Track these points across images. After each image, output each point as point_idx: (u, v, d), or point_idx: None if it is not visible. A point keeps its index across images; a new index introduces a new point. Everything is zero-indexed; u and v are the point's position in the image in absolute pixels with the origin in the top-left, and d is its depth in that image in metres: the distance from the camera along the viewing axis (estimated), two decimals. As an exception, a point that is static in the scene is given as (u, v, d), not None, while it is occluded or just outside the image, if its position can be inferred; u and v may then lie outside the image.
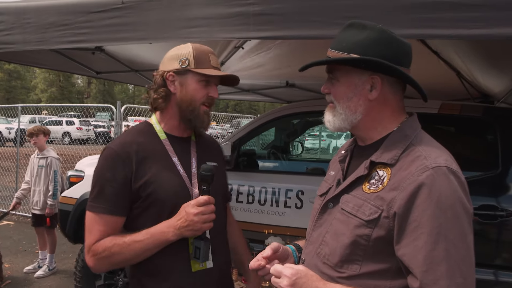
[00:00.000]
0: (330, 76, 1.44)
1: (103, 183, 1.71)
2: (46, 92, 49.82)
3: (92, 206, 1.72)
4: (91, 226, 1.72)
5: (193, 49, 1.80)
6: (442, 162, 1.24)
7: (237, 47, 5.05)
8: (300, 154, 6.93)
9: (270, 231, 3.78)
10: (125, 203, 1.73)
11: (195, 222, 1.64)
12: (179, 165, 1.81)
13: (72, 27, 2.64)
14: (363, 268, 1.30)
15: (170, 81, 1.81)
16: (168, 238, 1.67)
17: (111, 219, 1.71)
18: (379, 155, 1.35)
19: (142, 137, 1.81)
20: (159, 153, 1.80)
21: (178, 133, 1.88)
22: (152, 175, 1.73)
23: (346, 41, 1.38)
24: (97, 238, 1.70)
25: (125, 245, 1.67)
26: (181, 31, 2.38)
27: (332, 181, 1.52)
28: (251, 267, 1.46)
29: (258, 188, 3.92)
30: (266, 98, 7.73)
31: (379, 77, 1.36)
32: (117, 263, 1.75)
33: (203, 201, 1.66)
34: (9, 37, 2.91)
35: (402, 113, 1.43)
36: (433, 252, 1.17)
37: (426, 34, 2.09)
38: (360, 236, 1.29)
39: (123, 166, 1.71)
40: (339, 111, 1.41)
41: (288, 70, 5.69)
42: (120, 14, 2.51)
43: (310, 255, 1.45)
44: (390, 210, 1.25)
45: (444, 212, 1.18)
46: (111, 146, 1.77)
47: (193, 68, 1.78)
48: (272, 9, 2.23)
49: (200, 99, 1.80)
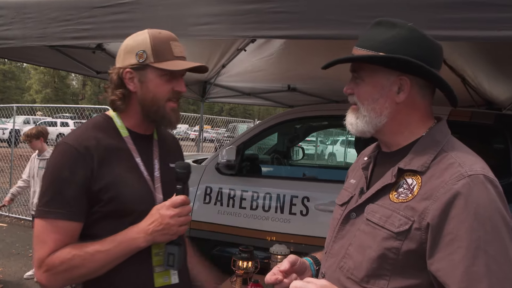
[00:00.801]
0: (355, 76, 1.33)
1: (59, 184, 1.47)
2: (41, 93, 49.57)
3: (46, 212, 1.46)
4: (45, 236, 1.46)
5: (150, 39, 1.56)
6: (479, 169, 1.15)
7: (240, 49, 4.98)
8: (301, 159, 6.84)
9: (273, 238, 3.68)
10: (85, 207, 1.50)
11: (171, 225, 1.47)
12: (142, 167, 1.61)
13: (74, 23, 2.53)
14: (392, 284, 1.19)
15: (128, 78, 1.58)
16: (138, 245, 1.48)
17: (70, 226, 1.47)
18: (407, 162, 1.25)
19: (101, 133, 1.58)
20: (120, 152, 1.58)
21: (140, 130, 1.66)
22: (115, 177, 1.52)
23: (373, 39, 1.28)
24: (52, 249, 1.45)
25: (87, 256, 1.45)
26: (190, 29, 2.28)
27: (354, 190, 1.42)
28: (267, 282, 1.34)
29: (263, 194, 3.81)
30: (267, 102, 7.67)
31: (408, 78, 1.26)
32: (76, 278, 1.50)
33: (180, 201, 1.49)
34: (8, 32, 2.81)
35: (430, 118, 1.33)
36: (472, 268, 1.07)
37: (448, 36, 1.99)
38: (389, 249, 1.19)
39: (83, 164, 1.48)
40: (363, 113, 1.31)
41: (291, 74, 5.64)
42: (125, 10, 2.41)
43: (332, 269, 1.34)
44: (423, 221, 1.15)
45: (482, 225, 1.09)
46: (67, 141, 1.52)
47: (152, 62, 1.55)
48: (286, 6, 2.15)
49: (164, 96, 1.58)
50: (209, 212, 3.92)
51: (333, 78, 4.53)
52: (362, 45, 1.30)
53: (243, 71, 5.88)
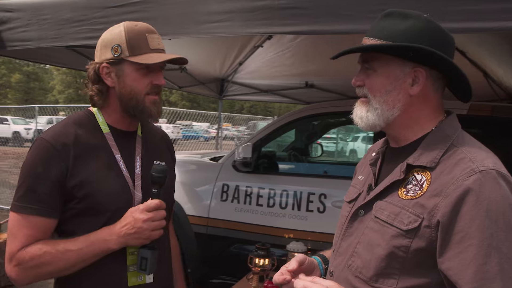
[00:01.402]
0: (366, 67, 1.29)
1: (33, 180, 1.46)
2: (63, 94, 50.37)
3: (19, 206, 1.46)
4: (16, 230, 1.46)
5: (125, 32, 1.53)
6: (491, 165, 1.11)
7: (257, 46, 4.95)
8: (320, 156, 6.79)
9: (291, 236, 3.66)
10: (59, 203, 1.49)
11: (143, 230, 1.45)
12: (122, 164, 1.58)
13: (88, 23, 2.55)
14: (401, 283, 1.16)
15: (105, 73, 1.55)
16: (109, 247, 1.46)
17: (42, 222, 1.46)
18: (416, 157, 1.21)
19: (80, 129, 1.56)
20: (100, 149, 1.56)
21: (122, 126, 1.64)
22: (90, 174, 1.50)
23: (387, 29, 1.24)
24: (23, 244, 1.44)
25: (58, 253, 1.44)
26: (202, 26, 2.27)
27: (362, 186, 1.39)
28: (275, 282, 1.31)
29: (279, 191, 3.79)
30: (285, 99, 7.62)
31: (424, 70, 1.22)
32: (46, 274, 1.50)
33: (154, 205, 1.47)
34: (25, 34, 2.84)
35: (441, 112, 1.29)
36: (484, 266, 1.04)
37: (468, 28, 1.93)
38: (398, 247, 1.16)
39: (58, 160, 1.47)
40: (374, 105, 1.26)
41: (308, 70, 5.58)
42: (138, 9, 2.41)
43: (340, 268, 1.32)
44: (432, 218, 1.12)
45: (495, 222, 1.05)
46: (44, 137, 1.50)
47: (127, 56, 1.51)
48: (298, 2, 2.12)
49: (142, 89, 1.54)
50: (226, 210, 3.92)
51: (351, 74, 4.46)
52: (374, 35, 1.26)
53: (259, 67, 5.86)
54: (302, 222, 3.65)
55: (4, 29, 2.93)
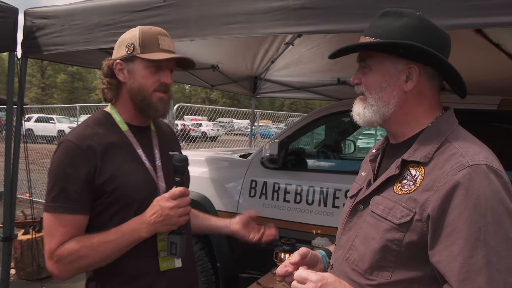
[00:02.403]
0: (362, 65, 1.33)
1: (64, 180, 1.55)
2: (107, 93, 51.67)
3: (52, 206, 1.56)
4: (53, 229, 1.55)
5: (139, 32, 1.66)
6: (481, 159, 1.13)
7: (287, 43, 4.99)
8: (353, 153, 6.74)
9: (318, 231, 3.68)
10: (89, 200, 1.58)
11: (171, 216, 1.55)
12: (144, 158, 1.69)
13: (116, 27, 2.68)
14: (395, 276, 1.20)
15: (118, 69, 1.68)
16: (141, 235, 1.56)
17: (75, 219, 1.56)
18: (411, 153, 1.24)
19: (101, 128, 1.66)
20: (122, 145, 1.66)
21: (137, 122, 1.75)
22: (117, 169, 1.60)
23: (381, 28, 1.27)
24: (60, 241, 1.54)
25: (94, 246, 1.54)
26: (221, 28, 2.35)
27: (363, 182, 1.43)
28: (278, 274, 1.37)
29: (306, 188, 3.82)
30: (317, 96, 7.59)
31: (417, 66, 1.25)
32: (84, 267, 1.60)
33: (179, 193, 1.57)
34: (59, 38, 3.01)
35: (438, 108, 1.32)
36: (470, 259, 1.06)
37: (486, 23, 1.92)
38: (391, 240, 1.19)
39: (85, 160, 1.56)
40: (370, 102, 1.30)
41: (339, 66, 5.55)
42: (162, 12, 2.52)
43: (339, 261, 1.36)
44: (423, 212, 1.15)
45: (483, 216, 1.07)
46: (69, 139, 1.60)
47: (139, 53, 1.64)
48: (313, 2, 2.16)
49: (150, 86, 1.66)
50: (254, 206, 3.98)
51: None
52: (370, 33, 1.30)
53: (291, 65, 5.88)
54: (328, 218, 3.67)
55: (41, 34, 3.12)
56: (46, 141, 14.73)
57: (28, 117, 18.50)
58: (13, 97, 3.33)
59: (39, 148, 13.40)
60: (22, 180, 5.49)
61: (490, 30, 3.03)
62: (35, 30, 3.13)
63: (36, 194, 9.60)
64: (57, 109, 20.69)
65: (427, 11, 1.77)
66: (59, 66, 49.58)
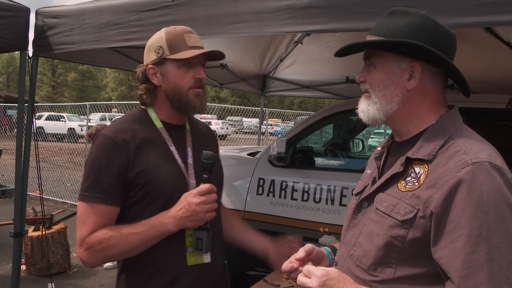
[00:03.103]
0: (367, 63, 1.35)
1: (98, 172, 1.62)
2: (116, 91, 52.04)
3: (86, 196, 1.63)
4: (85, 217, 1.62)
5: (165, 34, 1.70)
6: (484, 157, 1.13)
7: (296, 42, 4.99)
8: (361, 151, 6.74)
9: (326, 229, 3.69)
10: (121, 192, 1.64)
11: (197, 212, 1.58)
12: (176, 154, 1.73)
13: (125, 26, 2.71)
14: (398, 272, 1.21)
15: (152, 74, 1.72)
16: (168, 229, 1.60)
17: (107, 209, 1.62)
18: (415, 150, 1.25)
19: (137, 124, 1.72)
20: (156, 142, 1.72)
21: (173, 120, 1.79)
22: (149, 163, 1.65)
23: (386, 26, 1.29)
24: (91, 229, 1.60)
25: (122, 236, 1.59)
26: (229, 27, 2.37)
27: (368, 180, 1.44)
28: (284, 269, 1.38)
29: (313, 186, 3.84)
30: (326, 94, 7.59)
31: (419, 65, 1.27)
32: (113, 256, 1.67)
33: (206, 189, 1.60)
34: (69, 37, 3.05)
35: (442, 106, 1.32)
36: (472, 255, 1.07)
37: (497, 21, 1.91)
38: (395, 237, 1.21)
39: (120, 153, 1.63)
40: (374, 99, 1.32)
41: (348, 65, 5.54)
42: (170, 12, 2.54)
43: (343, 257, 1.38)
44: (427, 209, 1.15)
45: (486, 212, 1.07)
46: (106, 133, 1.67)
47: (168, 55, 1.68)
48: (320, 1, 2.17)
49: (185, 84, 1.70)
50: (262, 203, 4.01)
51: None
52: (375, 32, 1.31)
53: (300, 63, 5.88)
54: (336, 216, 3.68)
55: (52, 34, 3.16)
56: (57, 139, 14.88)
57: (39, 115, 18.68)
58: (24, 96, 3.38)
59: (49, 146, 13.53)
60: (33, 178, 5.57)
61: (500, 28, 3.01)
62: (46, 29, 3.17)
63: (46, 192, 9.71)
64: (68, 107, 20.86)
65: (432, 10, 1.78)
66: (70, 64, 49.92)
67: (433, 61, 1.26)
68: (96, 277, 5.38)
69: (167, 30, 1.72)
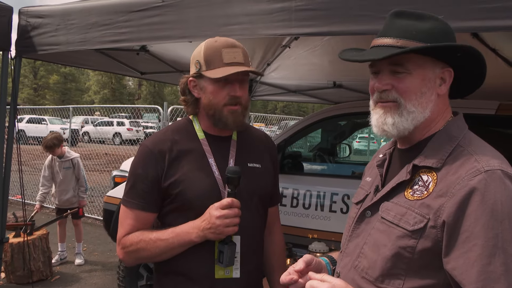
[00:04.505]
0: (395, 69, 1.23)
1: (135, 179, 1.71)
2: (99, 94, 51.54)
3: (125, 200, 1.73)
4: (123, 220, 1.73)
5: (204, 48, 1.70)
6: (496, 165, 1.10)
7: (284, 45, 4.96)
8: (348, 156, 6.73)
9: (315, 236, 3.65)
10: (156, 199, 1.71)
11: (217, 225, 1.57)
12: (214, 167, 1.72)
13: (113, 27, 2.64)
14: (407, 284, 1.16)
15: (192, 86, 1.75)
16: (191, 239, 1.62)
17: (141, 215, 1.70)
18: (423, 158, 1.21)
19: (179, 135, 1.76)
20: (194, 153, 1.73)
21: (216, 132, 1.79)
22: (183, 174, 1.68)
23: (413, 29, 1.21)
24: (126, 231, 1.71)
25: (150, 241, 1.66)
26: (222, 29, 2.32)
27: (369, 188, 1.39)
28: (282, 282, 1.32)
29: (303, 192, 3.79)
30: (313, 99, 7.57)
31: (451, 69, 1.23)
32: (143, 258, 1.77)
33: (226, 204, 1.59)
34: (54, 38, 2.96)
35: (449, 111, 1.29)
36: (488, 266, 1.03)
37: (486, 26, 1.91)
38: (404, 248, 1.16)
39: (155, 163, 1.69)
40: (410, 109, 1.22)
41: (336, 70, 5.54)
42: (160, 13, 2.48)
43: (347, 268, 1.32)
44: (438, 219, 1.11)
45: (500, 222, 1.04)
46: (146, 143, 1.75)
47: (204, 70, 1.68)
48: (314, 4, 2.13)
49: (220, 101, 1.69)
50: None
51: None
52: (402, 35, 1.22)
53: (287, 68, 5.85)
54: (325, 222, 3.64)
55: (36, 34, 3.06)
56: (38, 142, 14.64)
57: (20, 117, 18.38)
58: (6, 98, 3.27)
59: (30, 149, 13.29)
60: (14, 182, 5.44)
61: (486, 34, 3.02)
62: (30, 30, 3.06)
63: (28, 196, 9.51)
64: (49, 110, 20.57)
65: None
66: (52, 66, 49.35)
67: (469, 65, 1.23)
68: (79, 284, 5.26)
69: (207, 43, 1.72)
